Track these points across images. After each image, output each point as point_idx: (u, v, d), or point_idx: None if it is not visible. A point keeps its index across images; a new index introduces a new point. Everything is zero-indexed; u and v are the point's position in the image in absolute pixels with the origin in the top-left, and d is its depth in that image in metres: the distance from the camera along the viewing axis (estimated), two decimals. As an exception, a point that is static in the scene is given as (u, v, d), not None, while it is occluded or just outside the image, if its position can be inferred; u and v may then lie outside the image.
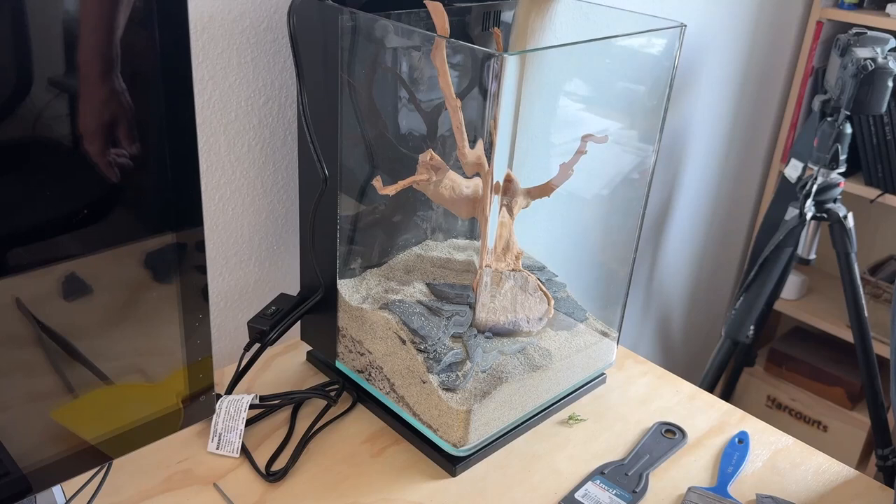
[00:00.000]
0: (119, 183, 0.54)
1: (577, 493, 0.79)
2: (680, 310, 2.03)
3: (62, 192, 0.52)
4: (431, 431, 0.82)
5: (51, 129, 0.50)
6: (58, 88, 0.49)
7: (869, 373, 1.74)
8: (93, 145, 0.51)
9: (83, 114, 0.50)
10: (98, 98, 0.51)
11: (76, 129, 0.50)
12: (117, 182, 0.54)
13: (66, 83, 0.49)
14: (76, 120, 0.50)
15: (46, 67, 0.48)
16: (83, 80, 0.50)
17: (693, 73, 1.65)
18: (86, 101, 0.50)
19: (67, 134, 0.50)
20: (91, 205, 0.53)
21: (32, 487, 0.58)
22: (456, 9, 0.84)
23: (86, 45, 0.49)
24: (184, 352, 0.63)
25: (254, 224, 0.97)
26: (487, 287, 0.81)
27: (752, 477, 0.84)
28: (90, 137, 0.51)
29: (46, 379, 0.56)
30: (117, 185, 0.54)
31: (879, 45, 1.52)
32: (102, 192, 0.53)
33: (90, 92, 0.50)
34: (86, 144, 0.51)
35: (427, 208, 0.95)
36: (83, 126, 0.50)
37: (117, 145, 0.52)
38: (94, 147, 0.52)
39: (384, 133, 0.86)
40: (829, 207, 1.66)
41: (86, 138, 0.51)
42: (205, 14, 0.83)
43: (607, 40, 0.78)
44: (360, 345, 0.87)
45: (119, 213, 0.55)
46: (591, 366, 0.94)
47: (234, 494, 0.76)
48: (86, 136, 0.51)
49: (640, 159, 0.90)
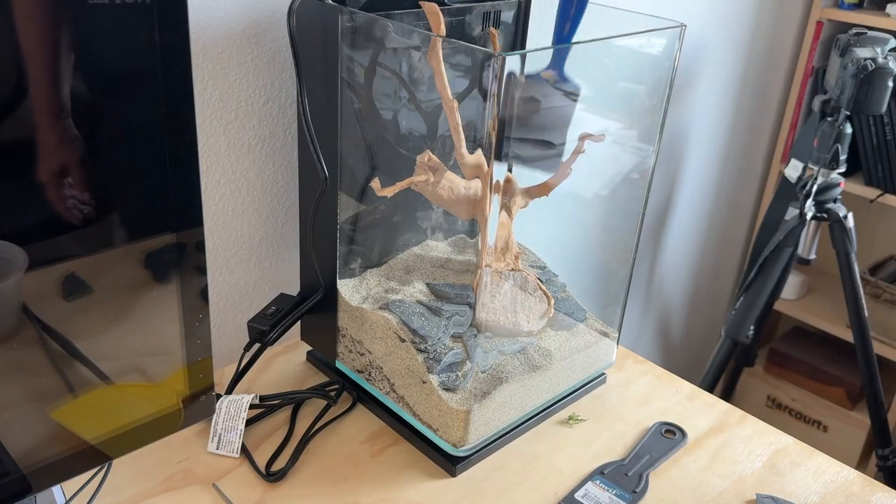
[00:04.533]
0: (119, 183, 0.54)
1: (577, 493, 0.79)
2: (680, 310, 2.03)
3: (62, 192, 0.52)
4: (431, 431, 0.82)
5: (49, 129, 0.49)
6: (57, 88, 0.49)
7: (869, 373, 1.74)
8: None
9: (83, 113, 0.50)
10: (97, 98, 0.51)
11: (76, 128, 0.50)
12: (117, 182, 0.54)
13: (65, 83, 0.49)
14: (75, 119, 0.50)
15: (46, 66, 0.48)
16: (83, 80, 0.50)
17: (693, 73, 1.65)
18: (85, 100, 0.50)
19: (67, 133, 0.50)
20: (91, 205, 0.53)
21: (32, 487, 0.58)
22: (455, 9, 0.85)
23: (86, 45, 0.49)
24: (184, 352, 0.63)
25: (254, 224, 0.97)
26: (487, 287, 0.81)
27: (752, 477, 0.84)
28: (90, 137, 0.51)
29: (46, 379, 0.56)
30: (117, 185, 0.54)
31: (879, 45, 1.52)
32: (102, 192, 0.53)
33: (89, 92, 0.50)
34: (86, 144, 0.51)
35: (427, 208, 0.95)
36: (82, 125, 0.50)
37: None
38: (93, 147, 0.52)
39: (384, 133, 0.86)
40: (829, 207, 1.66)
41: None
42: (205, 14, 0.83)
43: (607, 40, 0.78)
44: (360, 345, 0.87)
45: (119, 213, 0.55)
46: (591, 366, 0.94)
47: (233, 494, 0.76)
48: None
49: (640, 159, 0.90)
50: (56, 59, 0.48)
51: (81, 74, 0.49)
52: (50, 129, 0.49)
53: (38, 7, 0.46)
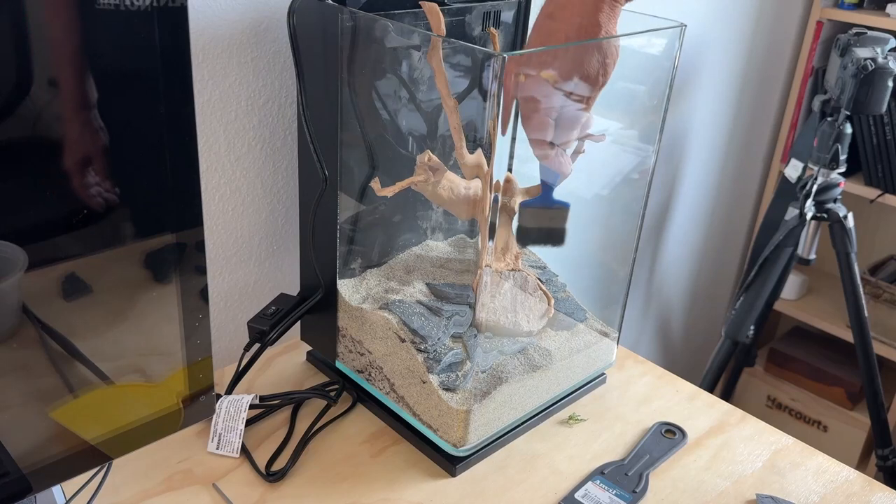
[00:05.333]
0: (119, 183, 0.54)
1: (577, 493, 0.79)
2: (680, 310, 2.03)
3: (62, 192, 0.52)
4: (431, 431, 0.82)
5: (50, 129, 0.50)
6: (57, 88, 0.49)
7: (869, 373, 1.74)
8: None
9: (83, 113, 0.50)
10: (97, 98, 0.51)
11: (75, 128, 0.50)
12: (117, 182, 0.54)
13: (66, 83, 0.49)
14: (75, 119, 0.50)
15: (46, 67, 0.48)
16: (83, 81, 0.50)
17: (693, 73, 1.65)
18: (85, 100, 0.50)
19: (67, 134, 0.50)
20: (91, 205, 0.53)
21: (32, 487, 0.58)
22: (456, 9, 0.85)
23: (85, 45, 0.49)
24: (184, 352, 0.63)
25: (254, 224, 0.97)
26: (487, 287, 0.81)
27: (752, 477, 0.84)
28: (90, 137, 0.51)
29: (46, 379, 0.56)
30: (117, 185, 0.54)
31: (879, 45, 1.52)
32: (102, 192, 0.53)
33: (89, 92, 0.50)
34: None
35: (427, 208, 0.95)
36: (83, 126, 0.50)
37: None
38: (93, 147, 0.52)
39: (384, 133, 0.86)
40: (829, 207, 1.66)
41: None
42: (205, 14, 0.83)
43: (607, 40, 0.78)
44: (360, 345, 0.87)
45: (119, 213, 0.55)
46: (591, 366, 0.94)
47: (233, 494, 0.76)
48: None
49: (640, 159, 0.90)
50: (56, 61, 0.48)
51: (81, 75, 0.49)
52: (50, 129, 0.49)
53: (38, 8, 0.46)
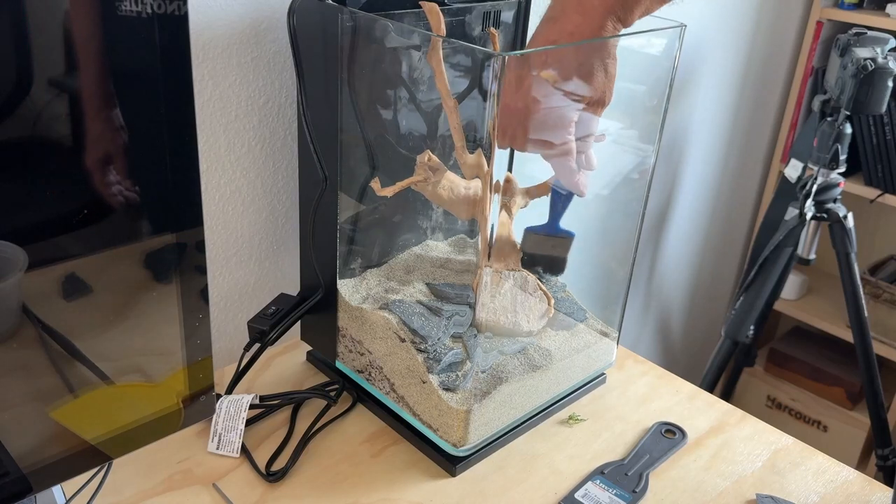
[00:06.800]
0: (119, 183, 0.54)
1: (577, 493, 0.79)
2: (680, 310, 2.03)
3: (62, 192, 0.52)
4: (431, 431, 0.82)
5: (51, 129, 0.50)
6: (58, 88, 0.49)
7: (869, 373, 1.74)
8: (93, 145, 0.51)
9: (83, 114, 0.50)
10: (97, 98, 0.51)
11: (76, 128, 0.50)
12: (117, 182, 0.54)
13: (66, 83, 0.49)
14: (76, 120, 0.50)
15: (46, 67, 0.48)
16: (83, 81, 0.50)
17: (693, 73, 1.65)
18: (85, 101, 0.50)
19: (68, 134, 0.50)
20: (91, 205, 0.53)
21: (32, 487, 0.58)
22: (456, 9, 0.84)
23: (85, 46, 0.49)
24: (184, 352, 0.63)
25: (254, 224, 0.97)
26: (487, 287, 0.81)
27: (752, 477, 0.84)
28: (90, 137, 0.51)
29: (46, 379, 0.56)
30: (117, 185, 0.54)
31: (879, 45, 1.52)
32: (102, 192, 0.53)
33: (90, 92, 0.50)
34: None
35: (427, 208, 0.95)
36: (83, 126, 0.50)
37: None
38: (94, 147, 0.52)
39: (384, 133, 0.86)
40: (829, 207, 1.66)
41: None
42: (205, 14, 0.83)
43: (607, 40, 0.78)
44: (360, 345, 0.87)
45: (119, 212, 0.55)
46: (591, 366, 0.94)
47: (233, 494, 0.76)
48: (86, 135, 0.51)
49: (640, 159, 0.90)
50: (57, 61, 0.48)
51: (82, 76, 0.49)
52: (50, 129, 0.49)
53: (41, 9, 0.46)
